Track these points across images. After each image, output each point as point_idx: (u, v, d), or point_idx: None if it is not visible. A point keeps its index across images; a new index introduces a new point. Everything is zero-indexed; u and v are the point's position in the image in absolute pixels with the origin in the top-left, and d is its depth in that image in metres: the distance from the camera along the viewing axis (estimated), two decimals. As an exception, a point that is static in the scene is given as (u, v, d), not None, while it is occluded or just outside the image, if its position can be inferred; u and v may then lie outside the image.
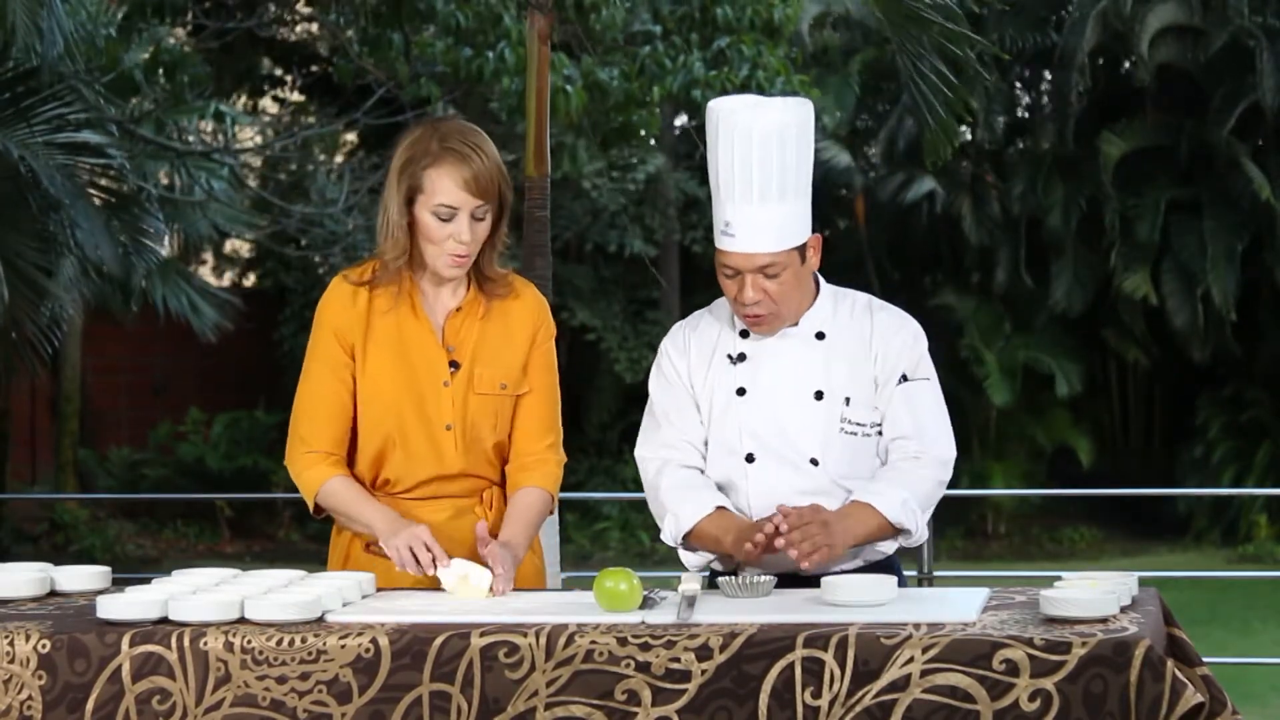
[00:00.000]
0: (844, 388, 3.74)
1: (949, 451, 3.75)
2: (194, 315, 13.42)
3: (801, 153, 3.70)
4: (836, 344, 3.77)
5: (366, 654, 3.22)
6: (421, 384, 3.81)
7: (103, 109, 10.63)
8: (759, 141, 3.65)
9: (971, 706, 3.05)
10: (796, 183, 3.69)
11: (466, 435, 3.81)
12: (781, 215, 3.67)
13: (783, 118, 3.67)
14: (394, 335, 3.82)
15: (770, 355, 3.78)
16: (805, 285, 3.77)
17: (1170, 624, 3.42)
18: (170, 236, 13.17)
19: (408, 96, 12.82)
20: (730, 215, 3.69)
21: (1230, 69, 16.78)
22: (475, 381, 3.82)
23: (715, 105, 3.73)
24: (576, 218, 17.27)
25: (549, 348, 3.92)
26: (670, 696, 3.14)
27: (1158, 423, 18.45)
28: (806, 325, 3.79)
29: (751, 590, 3.49)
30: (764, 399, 3.75)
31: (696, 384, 3.83)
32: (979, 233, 17.64)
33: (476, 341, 3.84)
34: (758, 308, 3.71)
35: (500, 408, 3.84)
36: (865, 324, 3.79)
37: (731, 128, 3.68)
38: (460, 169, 3.71)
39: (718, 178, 3.71)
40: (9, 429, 16.31)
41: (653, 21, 10.51)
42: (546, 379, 3.91)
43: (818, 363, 3.76)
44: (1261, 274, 17.08)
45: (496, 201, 3.77)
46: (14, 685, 3.29)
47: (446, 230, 3.73)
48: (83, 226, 9.14)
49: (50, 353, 8.97)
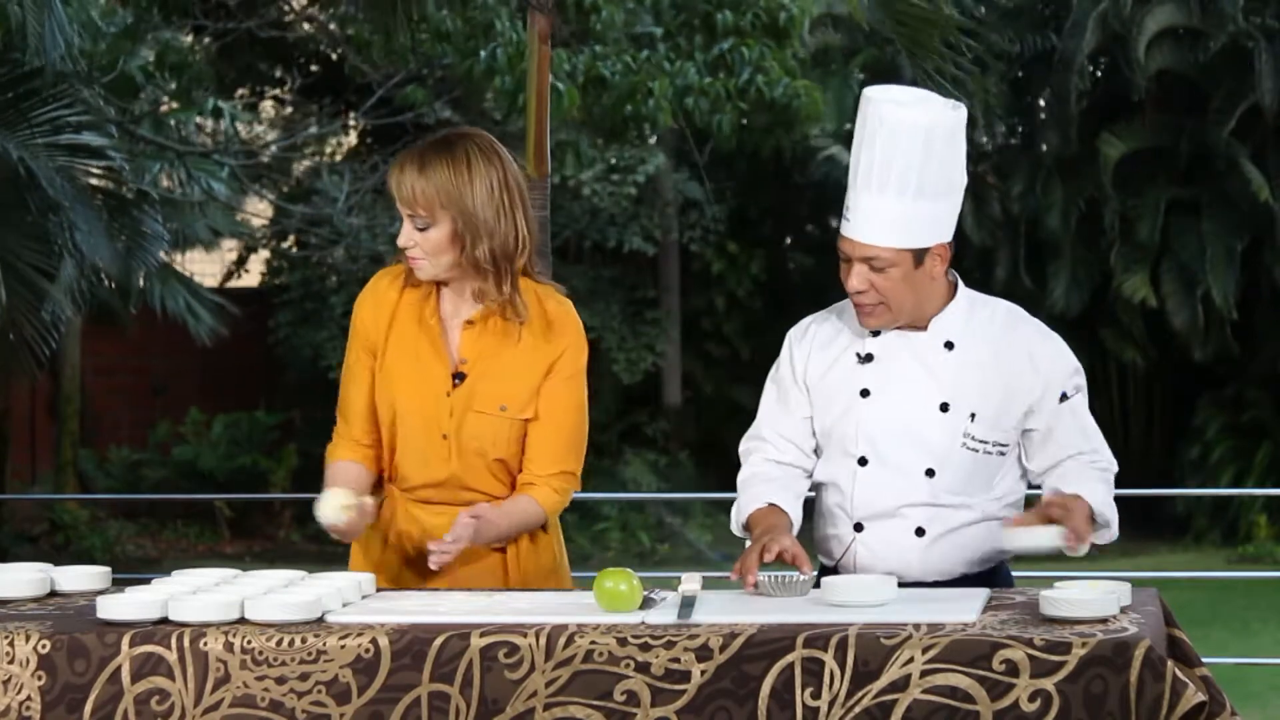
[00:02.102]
0: (971, 403, 3.65)
1: (1114, 459, 3.78)
2: (191, 319, 13.42)
3: (939, 154, 3.60)
4: (968, 355, 3.68)
5: (366, 654, 3.22)
6: (424, 390, 3.82)
7: (103, 110, 10.63)
8: (890, 133, 3.58)
9: (971, 707, 3.05)
10: (922, 181, 3.59)
11: (462, 448, 3.81)
12: (899, 211, 3.58)
13: (924, 116, 3.60)
14: (411, 336, 3.85)
15: (898, 359, 3.70)
16: (924, 290, 3.65)
17: (1170, 624, 3.42)
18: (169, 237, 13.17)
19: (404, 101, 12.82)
20: (851, 200, 3.64)
21: (1229, 70, 16.78)
22: (475, 399, 3.81)
23: (866, 93, 3.68)
24: (575, 217, 17.27)
25: (570, 377, 3.86)
26: (670, 697, 3.13)
27: (1157, 423, 18.45)
28: (935, 332, 3.69)
29: (789, 589, 3.45)
30: (888, 403, 3.68)
31: (812, 378, 3.76)
32: (979, 233, 17.63)
33: (489, 357, 3.82)
34: (862, 297, 3.64)
35: (499, 428, 3.81)
36: (1004, 339, 3.69)
37: (870, 117, 3.62)
38: (396, 175, 3.78)
39: (852, 162, 3.67)
40: (9, 430, 16.31)
41: (654, 23, 10.50)
42: (559, 408, 3.84)
43: (946, 373, 3.67)
44: (1261, 274, 17.08)
45: (448, 220, 3.76)
46: (13, 685, 3.29)
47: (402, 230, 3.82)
48: (82, 228, 9.14)
49: (49, 354, 8.97)
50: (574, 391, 3.87)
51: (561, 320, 3.88)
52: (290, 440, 17.27)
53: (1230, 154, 16.71)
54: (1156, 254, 17.04)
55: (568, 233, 17.25)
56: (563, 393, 3.85)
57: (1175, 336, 17.17)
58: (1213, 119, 16.84)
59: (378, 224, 15.26)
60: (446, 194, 3.75)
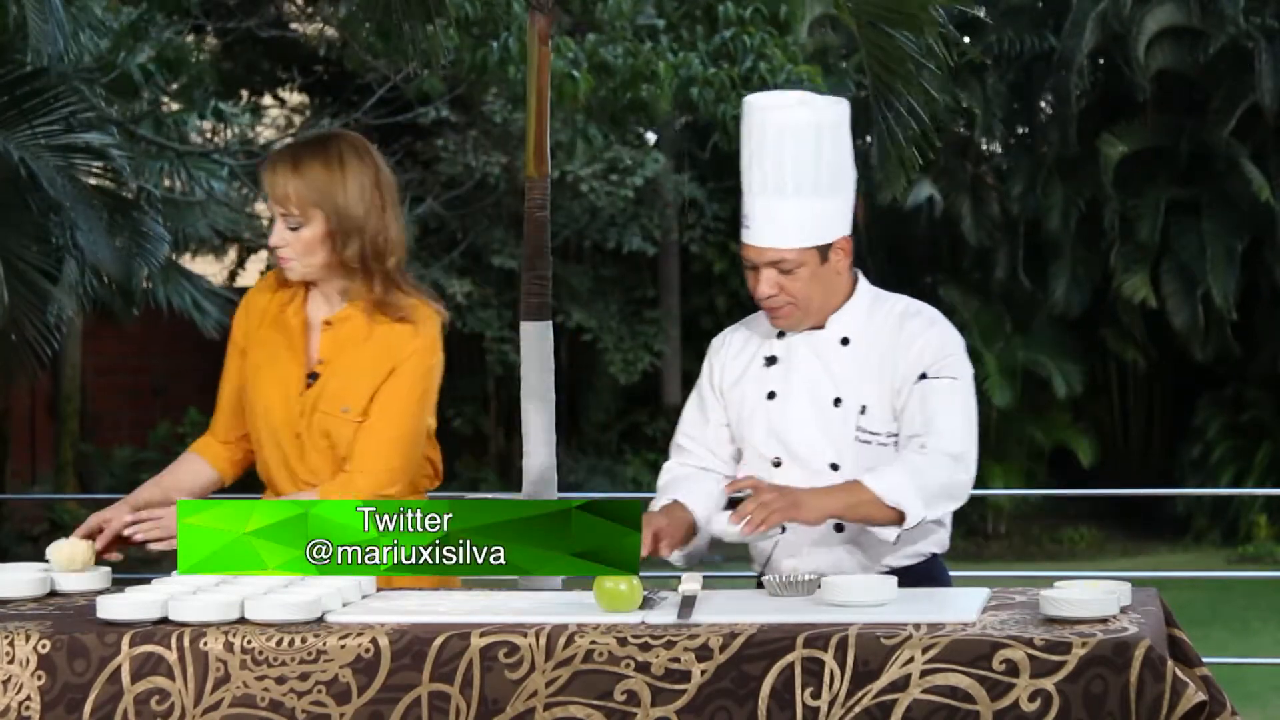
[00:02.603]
0: (863, 395, 3.70)
1: (960, 445, 3.65)
2: (197, 313, 13.41)
3: (827, 151, 3.66)
4: (861, 350, 3.73)
5: (366, 654, 3.22)
6: (282, 390, 3.87)
7: (104, 110, 10.63)
8: (777, 136, 3.64)
9: (971, 707, 3.05)
10: (817, 179, 3.64)
11: (315, 449, 3.84)
12: (798, 211, 3.64)
13: (808, 115, 3.65)
14: (272, 338, 3.91)
15: (799, 359, 3.76)
16: (831, 285, 3.72)
17: (1170, 624, 3.42)
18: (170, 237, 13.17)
19: (412, 92, 12.79)
20: (748, 207, 3.69)
21: (1229, 70, 16.79)
22: (322, 398, 3.83)
23: (748, 100, 3.73)
24: (575, 217, 17.27)
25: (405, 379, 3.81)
26: (670, 697, 3.14)
27: (1158, 423, 18.45)
28: (833, 328, 3.75)
29: (795, 589, 3.47)
30: (790, 404, 3.74)
31: (727, 385, 3.83)
32: (978, 234, 17.64)
33: (344, 360, 3.84)
34: (773, 301, 3.69)
35: (343, 429, 3.82)
36: (896, 332, 3.73)
37: (756, 123, 3.68)
38: (269, 174, 3.80)
39: (744, 172, 3.71)
40: (9, 429, 16.31)
41: (657, 15, 10.51)
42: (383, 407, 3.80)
43: (840, 368, 3.72)
44: (1261, 274, 17.09)
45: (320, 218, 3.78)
46: (12, 686, 3.29)
47: None
48: (83, 228, 9.14)
49: (51, 354, 8.97)
50: (406, 395, 3.82)
51: (417, 326, 3.84)
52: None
53: (1230, 154, 16.72)
54: (1157, 254, 17.05)
55: (567, 233, 17.25)
56: (391, 395, 3.81)
57: (1175, 336, 17.18)
58: (1213, 119, 16.85)
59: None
60: (320, 192, 3.77)
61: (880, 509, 3.56)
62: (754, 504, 3.53)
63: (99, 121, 10.05)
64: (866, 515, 3.58)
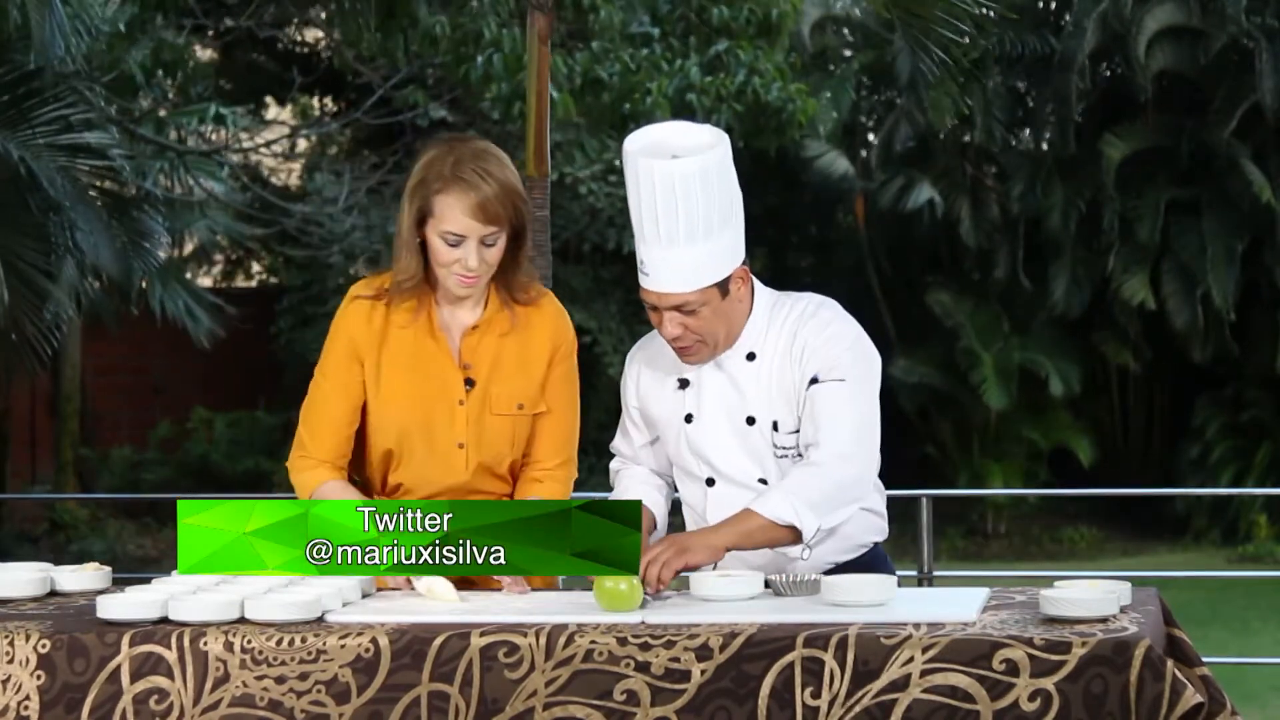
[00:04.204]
0: (772, 411, 3.70)
1: (846, 446, 3.61)
2: (190, 321, 13.41)
3: (714, 193, 3.60)
4: (764, 364, 3.71)
5: (366, 654, 3.22)
6: (434, 402, 3.79)
7: (104, 110, 10.63)
8: (661, 188, 3.58)
9: (971, 706, 3.05)
10: (708, 222, 3.59)
11: (481, 454, 3.81)
12: (693, 256, 3.60)
13: (689, 166, 3.57)
14: (410, 351, 3.80)
15: (709, 380, 3.75)
16: (734, 314, 3.70)
17: (1170, 624, 3.42)
18: (169, 238, 13.18)
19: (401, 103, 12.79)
20: (644, 255, 3.65)
21: (1230, 70, 16.78)
22: (492, 401, 3.80)
23: (626, 145, 3.65)
24: (575, 218, 17.27)
25: (569, 365, 3.89)
26: (669, 696, 3.14)
27: (1157, 423, 18.45)
28: (739, 346, 3.74)
29: (800, 589, 3.49)
30: (708, 425, 3.74)
31: (645, 405, 3.85)
32: (978, 234, 17.63)
33: (494, 360, 3.81)
34: (680, 341, 3.69)
35: (518, 427, 3.83)
36: (794, 337, 3.70)
37: (638, 172, 3.61)
38: (467, 196, 3.66)
39: (633, 217, 3.68)
40: (9, 429, 16.31)
41: (650, 24, 10.52)
42: (565, 398, 3.88)
43: (749, 386, 3.72)
44: (1261, 275, 17.08)
45: (510, 224, 3.72)
46: (12, 685, 3.29)
47: (454, 255, 3.70)
48: (83, 228, 9.15)
49: (50, 354, 8.97)
50: (574, 380, 3.91)
51: (548, 305, 3.89)
52: (291, 440, 17.24)
53: (1231, 154, 16.71)
54: (1157, 254, 17.04)
55: (567, 234, 17.25)
56: (566, 383, 3.88)
57: (1175, 336, 17.17)
58: (1213, 119, 16.84)
59: (375, 224, 15.27)
60: (514, 194, 3.71)
61: (775, 531, 3.55)
62: (645, 564, 3.48)
63: (99, 121, 10.06)
64: (765, 540, 3.58)
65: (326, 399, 3.83)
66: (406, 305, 3.80)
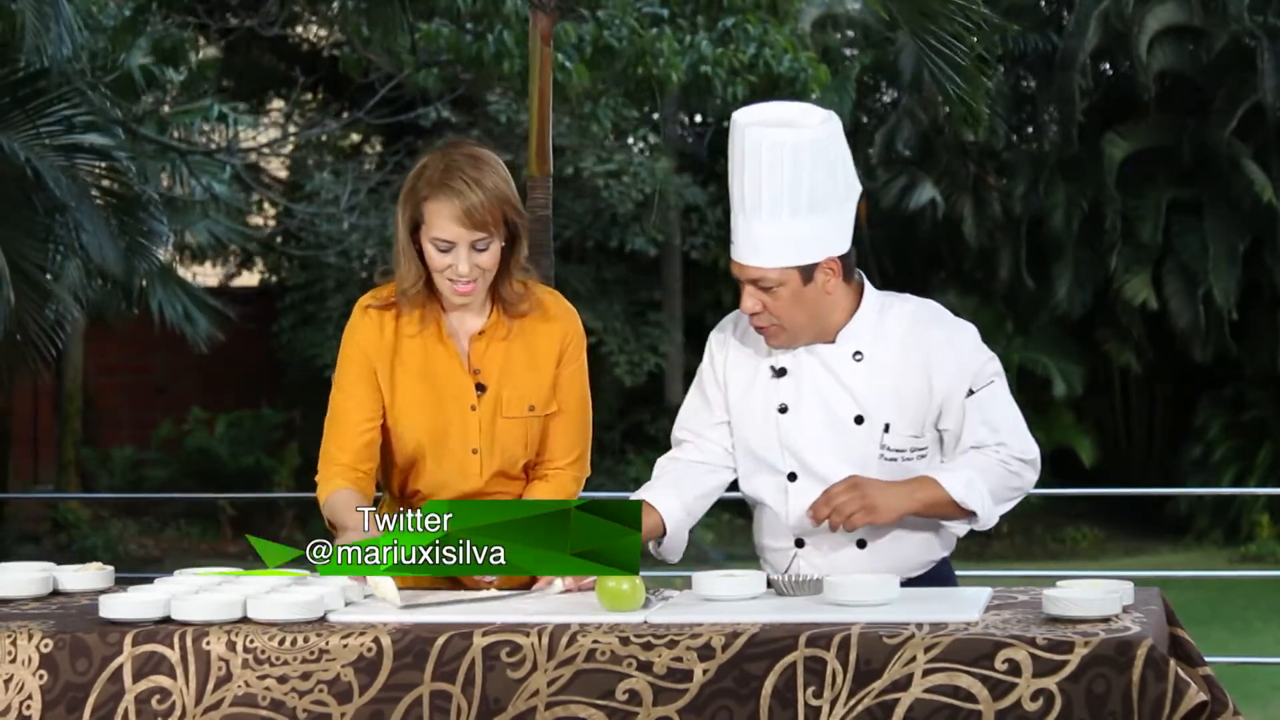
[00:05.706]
0: (885, 413, 3.67)
1: (1032, 450, 3.69)
2: (188, 324, 13.41)
3: (810, 172, 3.58)
4: (877, 365, 3.68)
5: (369, 653, 3.22)
6: (448, 409, 3.80)
7: (107, 110, 10.63)
8: (755, 156, 3.58)
9: (973, 706, 3.05)
10: (795, 201, 3.58)
11: (495, 457, 3.81)
12: (777, 232, 3.59)
13: (789, 136, 3.57)
14: (420, 359, 3.81)
15: (808, 372, 3.70)
16: (819, 307, 3.66)
17: (1172, 624, 3.41)
18: (172, 238, 13.18)
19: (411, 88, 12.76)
20: (733, 224, 3.66)
21: (1231, 70, 16.78)
22: (503, 405, 3.81)
23: (735, 115, 3.67)
24: (578, 217, 17.27)
25: (579, 362, 3.89)
26: (672, 696, 3.13)
27: (1159, 422, 18.45)
28: (844, 343, 3.70)
29: (803, 588, 3.49)
30: (805, 419, 3.69)
31: (732, 390, 3.78)
32: (980, 233, 17.64)
33: (503, 363, 3.81)
34: (758, 319, 3.67)
35: (530, 429, 3.83)
36: (912, 341, 3.69)
37: (738, 140, 3.62)
38: (454, 203, 3.67)
39: (730, 187, 3.67)
40: (12, 429, 16.32)
41: (660, 4, 10.52)
42: (575, 396, 3.88)
43: (858, 385, 3.68)
44: (1262, 274, 17.09)
45: (502, 230, 3.72)
46: (14, 685, 3.29)
47: (446, 260, 3.71)
48: (87, 228, 9.14)
49: (54, 353, 8.98)
50: (584, 376, 3.91)
51: (553, 304, 3.88)
52: (292, 439, 17.28)
53: (1232, 154, 16.72)
54: (1159, 254, 17.05)
55: (570, 233, 17.25)
56: (576, 381, 3.88)
57: (1176, 336, 17.17)
58: (1215, 118, 16.84)
59: (375, 224, 15.27)
60: (505, 200, 3.71)
61: (954, 509, 3.61)
62: (827, 506, 3.53)
63: (103, 122, 10.06)
64: (940, 515, 3.65)
65: (347, 412, 3.83)
66: (413, 315, 3.82)
